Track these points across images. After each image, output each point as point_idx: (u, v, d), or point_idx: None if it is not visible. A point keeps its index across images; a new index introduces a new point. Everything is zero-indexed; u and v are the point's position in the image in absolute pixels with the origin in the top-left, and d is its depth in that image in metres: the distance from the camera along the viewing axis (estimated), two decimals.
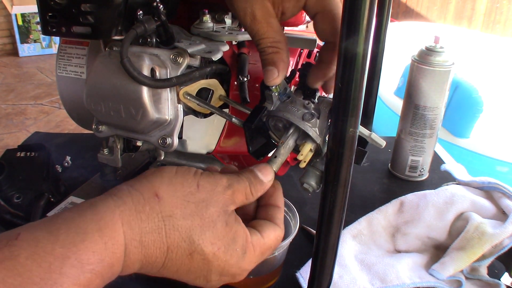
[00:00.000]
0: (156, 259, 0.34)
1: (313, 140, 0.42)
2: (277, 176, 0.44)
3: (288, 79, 0.49)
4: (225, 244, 0.36)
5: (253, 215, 0.43)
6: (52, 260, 0.29)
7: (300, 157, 0.42)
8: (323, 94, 0.64)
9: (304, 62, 0.61)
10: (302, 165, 0.43)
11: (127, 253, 0.32)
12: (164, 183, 0.35)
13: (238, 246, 0.37)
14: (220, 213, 0.36)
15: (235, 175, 0.39)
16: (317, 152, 0.43)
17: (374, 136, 0.42)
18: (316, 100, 0.46)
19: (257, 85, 0.53)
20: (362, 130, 0.41)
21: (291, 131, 0.43)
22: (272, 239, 0.40)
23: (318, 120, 0.42)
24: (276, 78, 0.42)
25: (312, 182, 0.43)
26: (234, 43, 0.57)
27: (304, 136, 0.43)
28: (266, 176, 0.41)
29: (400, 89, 2.31)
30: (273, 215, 0.41)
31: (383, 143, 0.42)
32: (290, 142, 0.43)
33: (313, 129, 0.42)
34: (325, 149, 0.43)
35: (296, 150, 0.44)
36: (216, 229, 0.35)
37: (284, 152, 0.43)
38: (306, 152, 0.42)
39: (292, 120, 0.42)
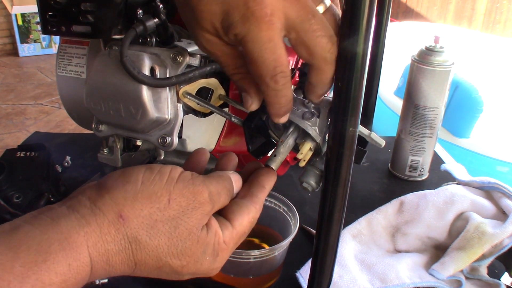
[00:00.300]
0: (124, 272, 0.33)
1: (312, 139, 0.42)
2: (277, 176, 0.44)
3: None
4: (195, 259, 0.35)
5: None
6: (11, 279, 0.27)
7: (299, 156, 0.42)
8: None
9: (304, 61, 0.61)
10: (302, 164, 0.43)
11: (93, 272, 0.31)
12: (128, 199, 0.33)
13: (209, 255, 0.35)
14: (191, 231, 0.34)
15: (219, 184, 0.37)
16: (316, 151, 0.43)
17: (373, 135, 0.42)
18: None
19: None
20: (361, 129, 0.41)
21: (291, 130, 0.43)
22: (245, 224, 0.38)
23: (318, 119, 0.42)
24: (251, 105, 0.39)
25: (311, 181, 0.43)
26: None
27: (304, 135, 0.43)
28: (237, 188, 0.40)
29: (400, 89, 2.31)
30: (253, 193, 0.39)
31: (382, 143, 0.42)
32: (289, 141, 0.43)
33: (313, 128, 0.42)
34: (324, 148, 0.43)
35: (296, 149, 0.44)
36: (185, 247, 0.34)
37: (284, 151, 0.43)
38: (306, 151, 0.42)
39: (292, 119, 0.42)
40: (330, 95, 0.43)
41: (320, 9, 0.34)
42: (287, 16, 0.33)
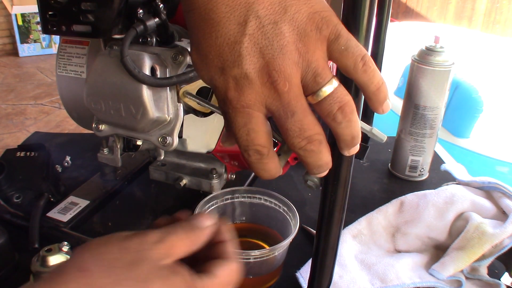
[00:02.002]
0: None
1: None
2: (277, 176, 0.44)
3: None
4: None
5: (204, 257, 0.39)
6: None
7: None
8: None
9: None
10: None
11: None
12: (93, 253, 0.33)
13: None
14: (151, 269, 0.32)
15: (170, 227, 0.36)
16: None
17: (375, 130, 0.42)
18: None
19: None
20: (363, 125, 0.41)
21: None
22: (226, 274, 0.36)
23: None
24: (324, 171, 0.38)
25: (315, 179, 0.43)
26: None
27: None
28: (204, 221, 0.37)
29: (400, 89, 2.31)
30: (222, 251, 0.38)
31: (384, 137, 0.42)
32: None
33: None
34: None
35: None
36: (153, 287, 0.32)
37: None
38: None
39: None
40: None
41: (329, 88, 0.33)
42: (268, 107, 0.34)
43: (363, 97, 0.35)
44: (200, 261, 0.37)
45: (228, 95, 0.33)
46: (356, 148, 0.36)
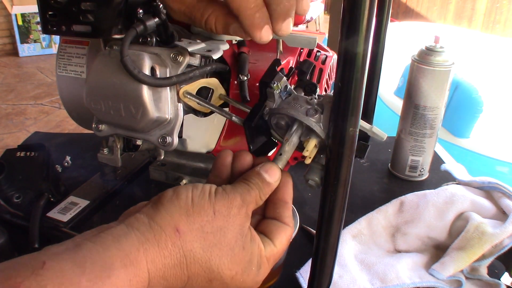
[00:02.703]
0: (176, 286, 0.36)
1: (317, 136, 0.42)
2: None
3: (288, 77, 0.49)
4: (242, 268, 0.37)
5: (261, 211, 0.43)
6: None
7: (305, 153, 0.42)
8: (323, 93, 0.64)
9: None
10: (308, 161, 0.43)
11: (150, 286, 0.34)
12: (183, 214, 0.36)
13: (254, 265, 0.38)
14: (237, 238, 0.37)
15: (245, 185, 0.40)
16: (321, 148, 0.43)
17: (375, 129, 0.42)
18: (317, 96, 0.46)
19: (257, 84, 0.53)
20: (363, 124, 0.41)
21: (294, 127, 0.43)
22: (285, 242, 0.41)
23: (321, 116, 0.42)
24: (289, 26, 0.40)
25: (316, 178, 0.43)
26: (234, 42, 0.57)
27: (308, 132, 0.43)
28: (273, 176, 0.41)
29: (400, 89, 2.31)
30: (281, 213, 0.42)
31: (384, 136, 0.42)
32: (294, 139, 0.43)
33: (317, 124, 0.42)
34: None
35: (299, 147, 0.44)
36: (233, 255, 0.37)
37: (289, 149, 0.43)
38: (311, 148, 0.42)
39: (296, 116, 0.42)
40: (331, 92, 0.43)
41: None
42: None
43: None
44: (257, 214, 0.43)
45: None
46: (288, 24, 0.40)
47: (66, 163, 0.79)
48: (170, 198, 0.37)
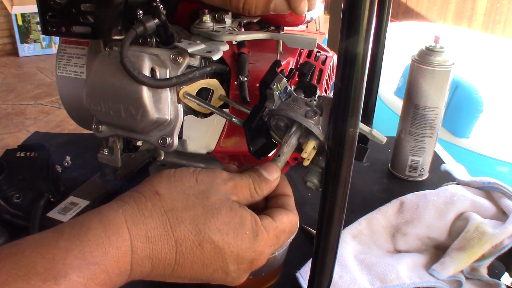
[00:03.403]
0: (166, 255, 0.34)
1: (316, 138, 0.42)
2: None
3: (288, 78, 0.49)
4: (233, 229, 0.35)
5: (263, 208, 0.42)
6: (56, 252, 0.30)
7: (304, 155, 0.42)
8: (323, 94, 0.64)
9: (302, 62, 0.61)
10: (306, 163, 0.43)
11: (134, 250, 0.32)
12: (163, 181, 0.36)
13: (247, 229, 0.36)
14: (222, 200, 0.36)
15: (238, 173, 0.39)
16: (320, 150, 0.43)
17: (375, 132, 0.42)
18: (316, 98, 0.46)
19: (257, 84, 0.53)
20: (362, 126, 0.41)
21: (293, 129, 0.43)
22: (286, 222, 0.39)
23: (320, 118, 0.42)
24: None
25: (315, 180, 0.43)
26: (234, 43, 0.57)
27: (307, 134, 0.43)
28: (272, 174, 0.40)
29: (400, 89, 2.31)
30: (284, 202, 0.41)
31: (384, 139, 0.42)
32: (293, 141, 0.43)
33: (316, 126, 0.42)
34: None
35: (298, 149, 0.44)
36: (220, 215, 0.35)
37: (288, 150, 0.43)
38: (310, 150, 0.42)
39: (295, 118, 0.42)
40: (331, 94, 0.44)
41: None
42: None
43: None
44: (259, 210, 0.40)
45: None
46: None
47: (66, 163, 0.79)
48: (152, 175, 0.38)
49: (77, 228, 0.31)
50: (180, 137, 0.55)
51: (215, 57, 0.48)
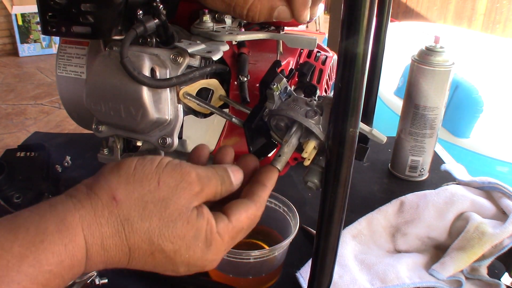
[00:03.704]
0: (120, 260, 0.34)
1: (317, 137, 0.42)
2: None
3: (288, 78, 0.49)
4: (186, 243, 0.35)
5: (235, 194, 0.41)
6: (10, 258, 0.29)
7: (304, 155, 0.42)
8: (323, 94, 0.64)
9: (302, 62, 0.61)
10: (307, 163, 0.43)
11: (88, 256, 0.32)
12: (122, 183, 0.34)
13: (201, 241, 0.35)
14: (181, 211, 0.35)
15: (208, 169, 0.38)
16: (320, 150, 0.43)
17: (375, 132, 0.42)
18: (316, 98, 0.46)
19: (257, 84, 0.53)
20: (362, 126, 0.41)
21: (294, 129, 0.43)
22: (243, 220, 0.38)
23: (321, 117, 0.42)
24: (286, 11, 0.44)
25: (315, 180, 0.43)
26: (234, 43, 0.57)
27: (307, 134, 0.43)
28: (237, 179, 0.39)
29: (400, 89, 2.31)
30: (254, 192, 0.39)
31: (384, 139, 0.42)
32: (293, 141, 0.43)
33: (316, 126, 0.42)
34: None
35: (299, 149, 0.44)
36: (176, 228, 0.34)
37: (288, 150, 0.43)
38: (310, 150, 0.42)
39: (296, 118, 0.42)
40: (331, 94, 0.44)
41: None
42: None
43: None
44: (231, 196, 0.40)
45: None
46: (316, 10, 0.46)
47: (66, 163, 0.79)
48: (111, 168, 0.35)
49: (32, 231, 0.30)
50: (180, 137, 0.55)
51: (215, 57, 0.48)
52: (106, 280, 0.52)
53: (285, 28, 0.64)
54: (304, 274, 0.55)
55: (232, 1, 0.45)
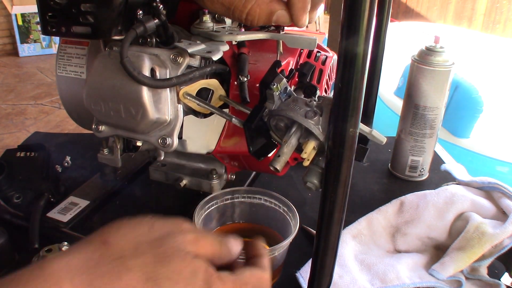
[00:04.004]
0: None
1: (316, 138, 0.42)
2: (277, 176, 0.44)
3: (288, 79, 0.49)
4: (184, 278, 0.32)
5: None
6: None
7: (304, 156, 0.42)
8: (323, 94, 0.64)
9: (302, 62, 0.61)
10: (306, 163, 0.43)
11: None
12: (113, 230, 0.33)
13: (200, 280, 0.33)
14: (175, 249, 0.33)
15: (205, 231, 0.37)
16: (320, 150, 0.43)
17: (374, 132, 0.42)
18: (316, 98, 0.46)
19: (257, 85, 0.53)
20: (362, 127, 0.41)
21: (293, 129, 0.43)
22: (247, 275, 0.36)
23: (320, 118, 0.42)
24: (286, 15, 0.44)
25: (315, 181, 0.43)
26: (234, 43, 0.57)
27: (307, 134, 0.43)
28: (236, 247, 0.38)
29: (400, 89, 2.31)
30: (255, 262, 0.38)
31: (383, 139, 0.42)
32: (293, 141, 0.43)
33: (316, 126, 0.42)
34: None
35: (298, 149, 0.44)
36: (171, 263, 0.32)
37: (287, 151, 0.43)
38: (310, 150, 0.42)
39: (295, 118, 0.42)
40: (331, 94, 0.44)
41: None
42: None
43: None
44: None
45: None
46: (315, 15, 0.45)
47: (66, 163, 0.79)
48: (105, 226, 0.34)
49: (16, 280, 0.29)
50: (180, 137, 0.55)
51: (215, 57, 0.48)
52: None
53: (285, 28, 0.64)
54: (304, 274, 0.55)
55: (231, 4, 0.45)
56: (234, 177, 0.67)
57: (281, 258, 0.53)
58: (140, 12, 0.48)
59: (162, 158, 0.60)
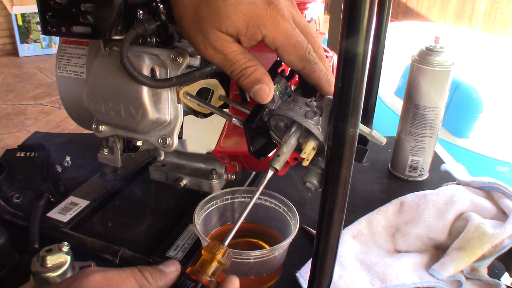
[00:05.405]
0: None
1: (316, 138, 0.42)
2: (277, 177, 0.44)
3: (288, 79, 0.49)
4: None
5: None
6: None
7: (303, 156, 0.42)
8: None
9: None
10: (305, 163, 0.43)
11: None
12: None
13: None
14: None
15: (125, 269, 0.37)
16: (319, 150, 0.43)
17: (374, 133, 0.42)
18: (316, 98, 0.46)
19: None
20: (362, 128, 0.41)
21: (293, 129, 0.43)
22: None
23: (320, 118, 0.42)
24: (269, 93, 0.42)
25: (314, 181, 0.43)
26: None
27: (306, 134, 0.43)
28: (169, 266, 0.39)
29: (400, 89, 2.31)
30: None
31: (383, 140, 0.42)
32: (292, 141, 0.43)
33: (315, 126, 0.42)
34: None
35: (298, 149, 0.44)
36: None
37: (287, 150, 0.43)
38: (309, 150, 0.42)
39: (295, 118, 0.42)
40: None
41: None
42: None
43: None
44: None
45: (270, 12, 0.41)
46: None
47: (66, 163, 0.79)
48: None
49: None
50: (180, 137, 0.55)
51: None
52: None
53: None
54: (304, 274, 0.55)
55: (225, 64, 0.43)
56: (234, 177, 0.67)
57: (281, 258, 0.53)
58: (140, 12, 0.48)
59: (162, 158, 0.60)
